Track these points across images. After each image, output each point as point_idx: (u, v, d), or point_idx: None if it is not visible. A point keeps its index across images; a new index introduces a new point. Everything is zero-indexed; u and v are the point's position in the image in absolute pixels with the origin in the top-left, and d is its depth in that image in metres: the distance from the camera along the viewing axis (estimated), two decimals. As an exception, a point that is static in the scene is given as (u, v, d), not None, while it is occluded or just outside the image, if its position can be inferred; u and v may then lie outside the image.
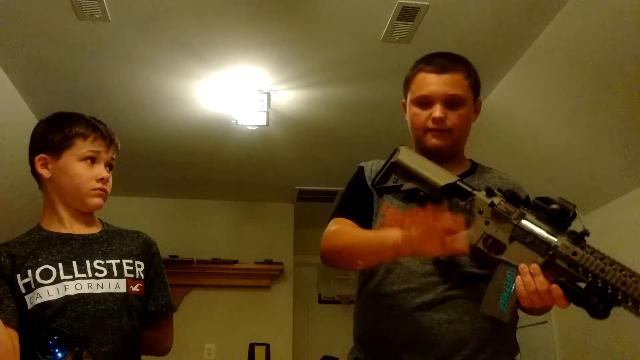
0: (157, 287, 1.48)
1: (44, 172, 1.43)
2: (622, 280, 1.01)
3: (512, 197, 1.20)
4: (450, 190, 1.29)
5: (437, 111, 1.36)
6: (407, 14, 2.41)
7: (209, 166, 4.04)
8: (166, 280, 1.52)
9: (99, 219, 1.52)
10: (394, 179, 1.38)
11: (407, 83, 1.46)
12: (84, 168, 1.41)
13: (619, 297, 1.02)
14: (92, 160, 1.43)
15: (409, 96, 1.45)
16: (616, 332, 2.76)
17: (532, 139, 3.01)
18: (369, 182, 1.42)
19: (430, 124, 1.38)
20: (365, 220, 1.38)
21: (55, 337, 1.18)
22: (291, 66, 2.86)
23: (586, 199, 2.97)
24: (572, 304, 1.08)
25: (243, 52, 2.74)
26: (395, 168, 1.38)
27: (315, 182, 4.33)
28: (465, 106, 1.39)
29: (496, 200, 1.21)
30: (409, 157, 1.38)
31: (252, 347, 3.93)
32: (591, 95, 2.54)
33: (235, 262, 4.47)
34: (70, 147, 1.42)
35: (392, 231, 1.16)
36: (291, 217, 4.79)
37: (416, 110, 1.41)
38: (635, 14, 2.11)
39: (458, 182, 1.29)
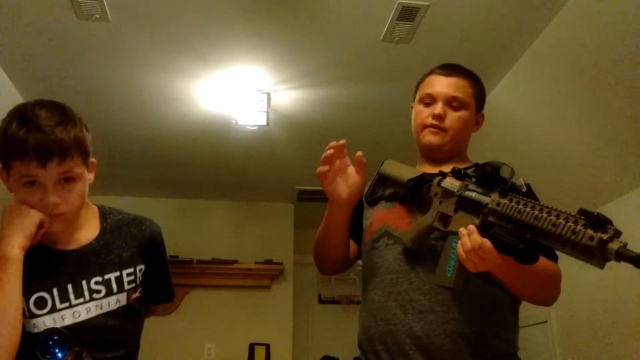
0: (162, 275, 1.46)
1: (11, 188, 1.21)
2: (535, 215, 0.99)
3: (457, 172, 1.25)
4: (419, 184, 1.35)
5: (437, 108, 1.43)
6: (407, 14, 2.41)
7: (209, 166, 4.04)
8: (169, 267, 1.49)
9: (98, 207, 1.38)
10: (381, 190, 1.48)
11: (418, 85, 1.54)
12: (26, 195, 1.18)
13: (539, 235, 0.98)
14: (32, 183, 1.16)
15: (416, 97, 1.52)
16: (616, 332, 2.76)
17: (532, 138, 3.01)
18: (363, 197, 1.53)
19: (429, 121, 1.44)
20: (356, 227, 1.49)
21: (55, 337, 1.18)
22: (291, 66, 2.86)
23: (586, 198, 2.97)
24: (504, 254, 1.05)
25: (243, 52, 2.74)
26: (381, 180, 1.48)
27: (315, 182, 4.23)
28: (465, 110, 1.45)
29: (444, 179, 1.27)
30: (389, 166, 1.47)
31: (252, 347, 3.94)
32: (591, 95, 2.54)
33: (235, 262, 4.47)
34: (11, 168, 1.17)
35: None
36: (291, 217, 4.79)
37: (420, 108, 1.48)
38: (635, 14, 2.11)
39: (424, 174, 1.35)
